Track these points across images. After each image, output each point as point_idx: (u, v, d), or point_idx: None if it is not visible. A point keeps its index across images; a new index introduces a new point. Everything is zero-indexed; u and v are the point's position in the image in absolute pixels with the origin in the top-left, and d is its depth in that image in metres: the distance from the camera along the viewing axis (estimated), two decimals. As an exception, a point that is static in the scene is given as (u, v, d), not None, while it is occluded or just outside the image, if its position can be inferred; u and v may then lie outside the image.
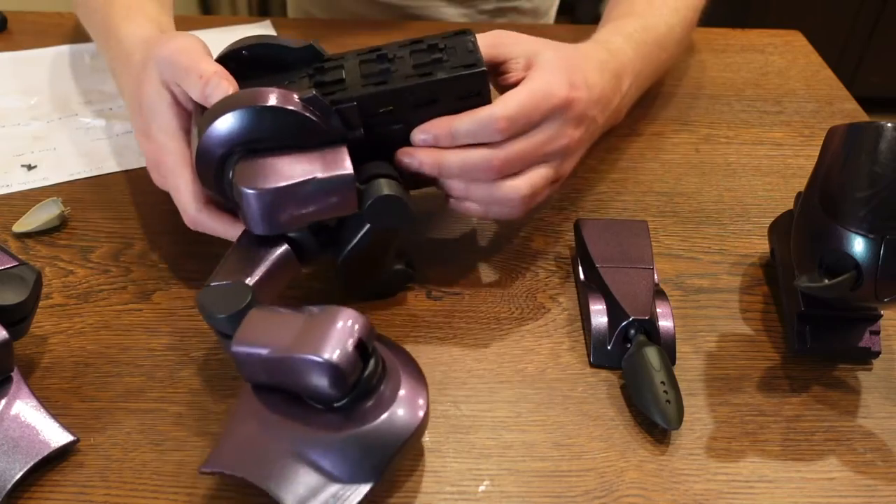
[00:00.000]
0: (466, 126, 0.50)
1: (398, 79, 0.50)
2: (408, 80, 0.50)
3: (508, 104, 0.50)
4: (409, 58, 0.51)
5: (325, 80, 0.51)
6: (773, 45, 0.89)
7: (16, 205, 0.62)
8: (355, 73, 0.51)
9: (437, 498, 0.44)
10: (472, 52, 0.51)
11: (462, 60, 0.51)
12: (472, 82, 0.50)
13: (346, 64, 0.52)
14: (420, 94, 0.50)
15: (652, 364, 0.48)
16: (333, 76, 0.51)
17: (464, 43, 0.52)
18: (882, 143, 0.44)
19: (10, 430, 0.44)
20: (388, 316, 0.55)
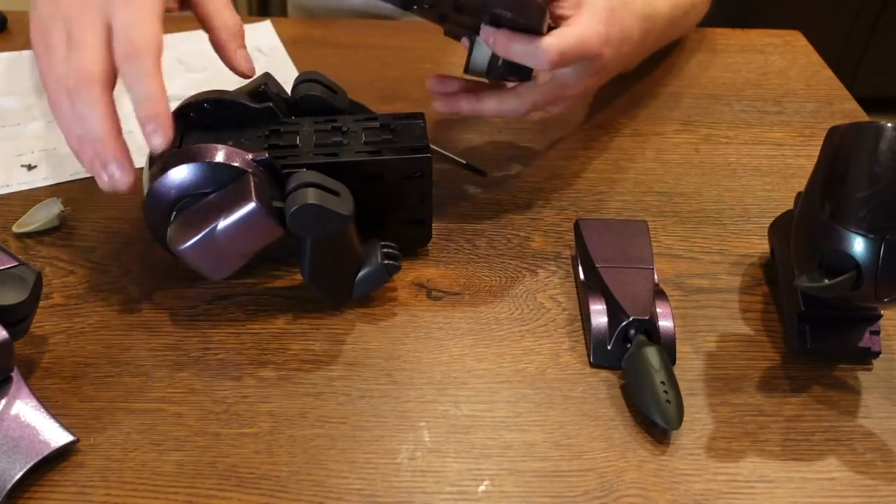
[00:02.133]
0: (522, 47, 0.54)
1: (348, 153, 0.53)
2: (357, 156, 0.52)
3: (562, 42, 0.54)
4: (361, 133, 0.54)
5: (279, 143, 0.53)
6: (773, 45, 0.89)
7: (16, 205, 0.62)
8: (309, 141, 0.53)
9: (437, 498, 0.44)
10: (419, 136, 0.54)
11: (410, 143, 0.54)
12: (417, 165, 0.53)
13: (302, 131, 0.54)
14: (367, 170, 0.53)
15: (652, 364, 0.48)
16: (288, 140, 0.53)
17: (413, 127, 0.55)
18: (882, 143, 0.44)
19: (10, 430, 0.44)
20: (388, 316, 0.55)
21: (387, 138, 0.54)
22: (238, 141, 0.52)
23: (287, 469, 0.45)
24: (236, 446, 0.46)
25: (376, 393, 0.49)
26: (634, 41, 0.62)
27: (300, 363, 0.51)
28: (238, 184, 0.48)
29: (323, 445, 0.46)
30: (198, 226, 0.48)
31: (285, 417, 0.48)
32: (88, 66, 0.46)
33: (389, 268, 0.54)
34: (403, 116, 0.56)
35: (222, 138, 0.52)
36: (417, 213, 0.56)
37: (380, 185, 0.54)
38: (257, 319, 0.54)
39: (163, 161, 0.50)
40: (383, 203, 0.55)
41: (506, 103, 0.60)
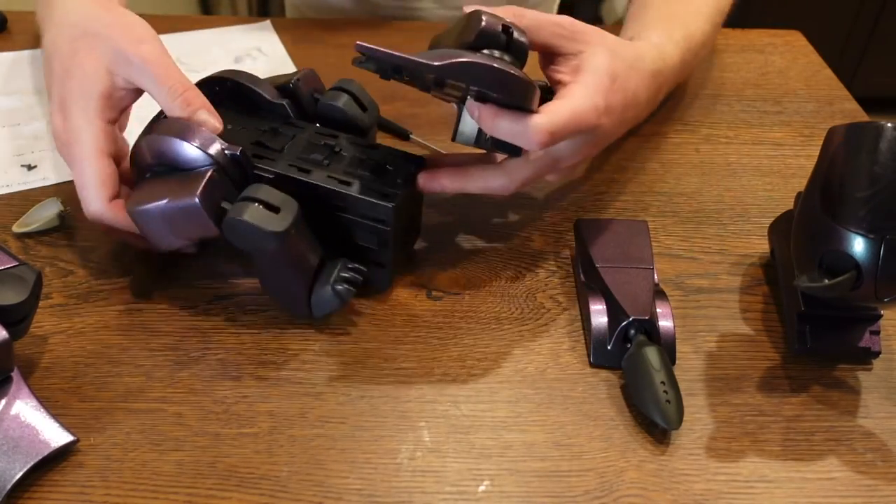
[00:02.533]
0: (508, 125, 0.49)
1: (320, 175, 0.51)
2: (326, 181, 0.51)
3: (554, 120, 0.49)
4: (349, 159, 0.53)
5: (267, 143, 0.53)
6: (773, 45, 0.89)
7: (16, 205, 0.62)
8: (297, 150, 0.53)
9: (437, 498, 0.44)
10: (398, 185, 0.51)
11: (384, 187, 0.51)
12: (378, 211, 0.51)
13: (299, 136, 0.54)
14: (330, 198, 0.51)
15: (652, 364, 0.48)
16: (278, 143, 0.53)
17: (400, 170, 0.53)
18: (882, 143, 0.44)
19: (10, 430, 0.44)
20: (388, 316, 0.55)
21: (365, 174, 0.52)
22: (237, 127, 0.53)
23: (287, 469, 0.45)
24: (236, 446, 0.46)
25: (376, 393, 0.49)
26: (641, 104, 0.58)
27: (300, 363, 0.51)
28: (196, 174, 0.49)
29: (323, 445, 0.46)
30: (149, 196, 0.49)
31: (285, 417, 0.48)
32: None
33: (340, 294, 0.51)
34: (403, 158, 0.54)
35: (228, 118, 0.53)
36: (377, 257, 0.53)
37: (343, 216, 0.52)
38: (257, 319, 0.54)
39: (153, 123, 0.51)
40: (345, 235, 0.53)
41: (493, 181, 0.54)
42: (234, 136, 0.53)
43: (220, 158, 0.49)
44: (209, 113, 0.51)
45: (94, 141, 0.51)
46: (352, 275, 0.51)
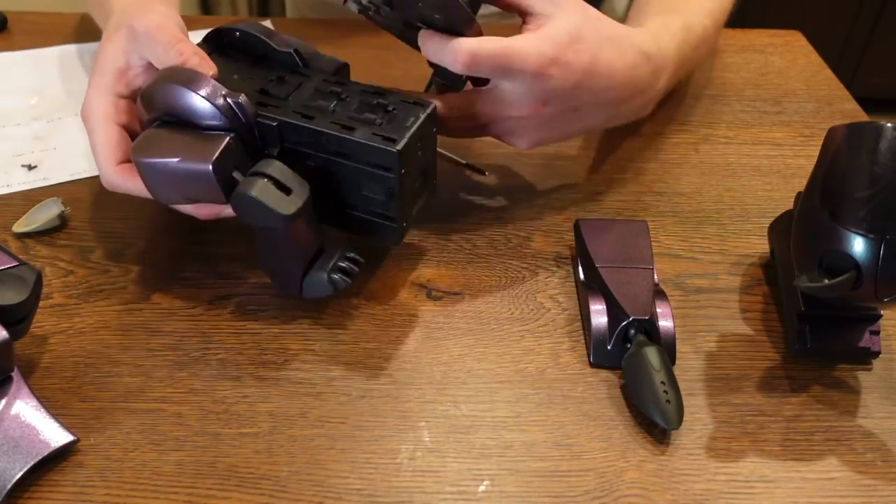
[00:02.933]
0: (435, 46, 0.52)
1: (324, 121, 0.50)
2: (330, 127, 0.50)
3: (481, 45, 0.51)
4: (356, 105, 0.51)
5: (273, 91, 0.52)
6: (773, 45, 0.89)
7: (16, 205, 0.62)
8: (302, 97, 0.52)
9: (436, 498, 0.44)
10: (405, 128, 0.49)
11: (390, 131, 0.49)
12: (382, 156, 0.49)
13: (306, 84, 0.53)
14: (334, 144, 0.50)
15: (652, 364, 0.48)
16: (282, 91, 0.52)
17: (409, 115, 0.50)
18: (882, 143, 0.44)
19: (10, 430, 0.44)
20: (388, 316, 0.55)
21: (371, 119, 0.50)
22: (244, 77, 0.53)
23: (287, 469, 0.45)
24: (236, 446, 0.46)
25: (376, 393, 0.49)
26: (619, 81, 0.56)
27: (300, 363, 0.51)
28: (213, 137, 0.48)
29: (323, 445, 0.46)
30: (160, 150, 0.49)
31: (285, 417, 0.48)
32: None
33: (335, 282, 0.51)
34: (411, 101, 0.52)
35: (235, 68, 0.53)
36: (385, 209, 0.51)
37: (346, 164, 0.50)
38: (257, 319, 0.54)
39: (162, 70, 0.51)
40: (351, 185, 0.51)
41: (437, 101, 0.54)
42: (239, 84, 0.52)
43: (223, 107, 0.48)
44: (201, 59, 0.51)
45: (104, 110, 0.54)
46: (349, 265, 0.51)
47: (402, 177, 0.49)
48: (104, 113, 0.54)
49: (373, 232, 0.53)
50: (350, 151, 0.50)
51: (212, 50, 0.55)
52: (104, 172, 0.53)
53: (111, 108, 0.54)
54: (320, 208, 0.52)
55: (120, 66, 0.54)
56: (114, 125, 0.54)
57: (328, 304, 0.55)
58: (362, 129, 0.49)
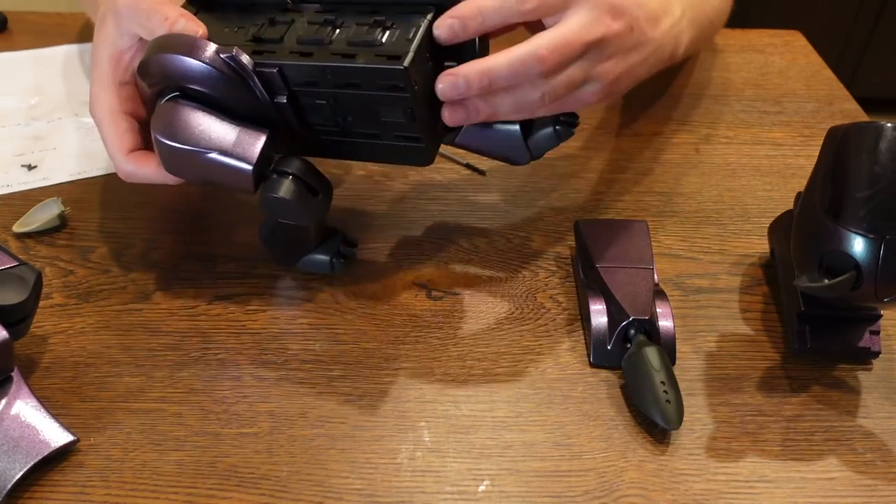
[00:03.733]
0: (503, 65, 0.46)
1: (323, 54, 0.47)
2: (331, 59, 0.46)
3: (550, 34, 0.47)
4: (353, 29, 0.47)
5: (264, 36, 0.49)
6: (773, 45, 0.89)
7: (16, 205, 0.62)
8: (295, 34, 0.49)
9: (437, 498, 0.44)
10: (408, 41, 0.45)
11: (393, 48, 0.45)
12: (390, 75, 0.45)
13: (297, 20, 0.49)
14: (339, 76, 0.47)
15: (652, 364, 0.48)
16: (275, 33, 0.49)
17: (410, 26, 0.46)
18: (882, 143, 0.44)
19: (10, 430, 0.44)
20: (388, 316, 0.55)
21: (370, 40, 0.46)
22: (233, 28, 0.51)
23: (287, 469, 0.45)
24: (236, 446, 0.46)
25: (376, 393, 0.49)
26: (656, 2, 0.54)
27: (300, 363, 0.51)
28: (253, 133, 0.48)
29: (323, 445, 0.46)
30: (192, 137, 0.48)
31: (285, 417, 0.48)
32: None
33: (336, 264, 0.55)
34: (408, 11, 0.47)
35: (225, 20, 0.51)
36: (408, 130, 0.49)
37: (357, 94, 0.47)
38: (257, 319, 0.54)
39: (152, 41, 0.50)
40: (369, 114, 0.49)
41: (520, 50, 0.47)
42: (231, 37, 0.51)
43: (220, 65, 0.47)
44: (187, 20, 0.50)
45: (108, 101, 0.54)
46: (348, 250, 0.55)
47: (417, 92, 0.46)
48: (109, 104, 0.54)
49: (402, 157, 0.52)
50: (358, 80, 0.47)
51: (198, 9, 0.53)
52: (117, 163, 0.54)
53: (115, 98, 0.54)
54: (344, 147, 0.52)
55: (113, 52, 0.54)
56: (120, 114, 0.54)
57: (328, 304, 0.55)
58: (364, 53, 0.46)
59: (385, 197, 0.65)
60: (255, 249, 0.59)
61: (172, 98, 0.50)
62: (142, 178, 0.54)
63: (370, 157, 0.53)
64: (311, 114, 0.50)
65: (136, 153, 0.53)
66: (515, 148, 0.54)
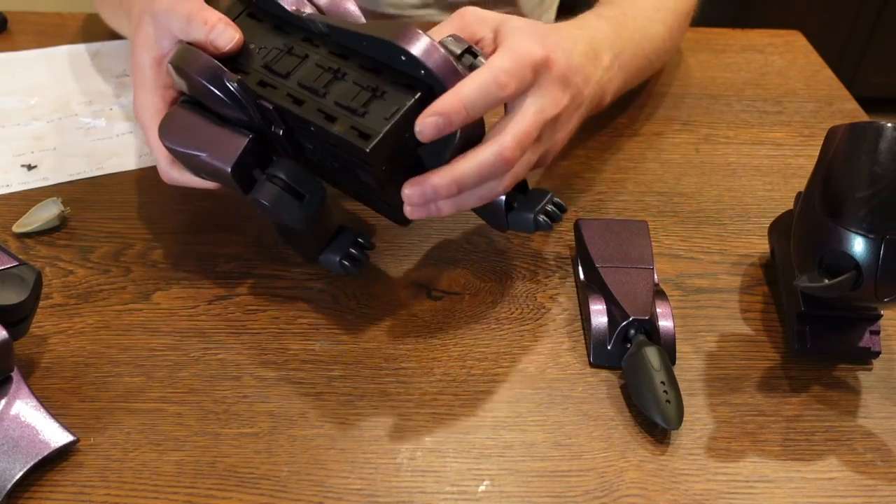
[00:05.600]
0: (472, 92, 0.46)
1: (311, 107, 0.48)
2: (315, 116, 0.47)
3: (499, 59, 0.47)
4: (348, 87, 0.48)
5: (275, 67, 0.50)
6: (773, 45, 0.89)
7: (16, 205, 0.62)
8: (300, 74, 0.49)
9: (437, 498, 0.44)
10: (385, 120, 0.46)
11: (369, 123, 0.46)
12: (358, 152, 0.46)
13: (311, 57, 0.50)
14: (321, 133, 0.48)
15: (652, 364, 0.48)
16: (286, 66, 0.50)
17: (395, 102, 0.46)
18: (882, 143, 0.44)
19: (10, 430, 0.44)
20: (388, 316, 0.55)
21: (354, 107, 0.46)
22: (259, 46, 0.52)
23: (287, 469, 0.45)
24: (236, 446, 0.46)
25: (376, 393, 0.49)
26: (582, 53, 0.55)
27: (300, 363, 0.51)
28: (234, 137, 0.50)
29: (323, 445, 0.46)
30: (185, 139, 0.51)
31: (285, 417, 0.48)
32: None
33: (345, 267, 0.54)
34: (405, 85, 0.47)
35: (259, 34, 0.52)
36: (382, 196, 0.51)
37: (335, 150, 0.49)
38: (257, 319, 0.54)
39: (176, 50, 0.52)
40: (351, 169, 0.50)
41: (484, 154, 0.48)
42: (250, 57, 0.51)
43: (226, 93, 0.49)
44: (225, 25, 0.50)
45: (152, 106, 0.54)
46: (359, 252, 0.54)
47: (385, 170, 0.47)
48: (154, 108, 0.54)
49: (384, 212, 0.55)
50: (334, 142, 0.48)
51: (243, 10, 0.53)
52: (161, 167, 0.54)
53: (159, 101, 0.54)
54: (337, 182, 0.54)
55: (155, 55, 0.53)
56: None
57: (328, 304, 0.55)
58: (344, 120, 0.46)
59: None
60: (255, 249, 0.59)
61: (182, 103, 0.52)
62: (183, 182, 0.54)
63: (360, 201, 0.56)
64: (306, 150, 0.52)
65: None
66: (495, 216, 0.54)
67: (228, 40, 0.50)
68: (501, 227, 0.55)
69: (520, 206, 0.53)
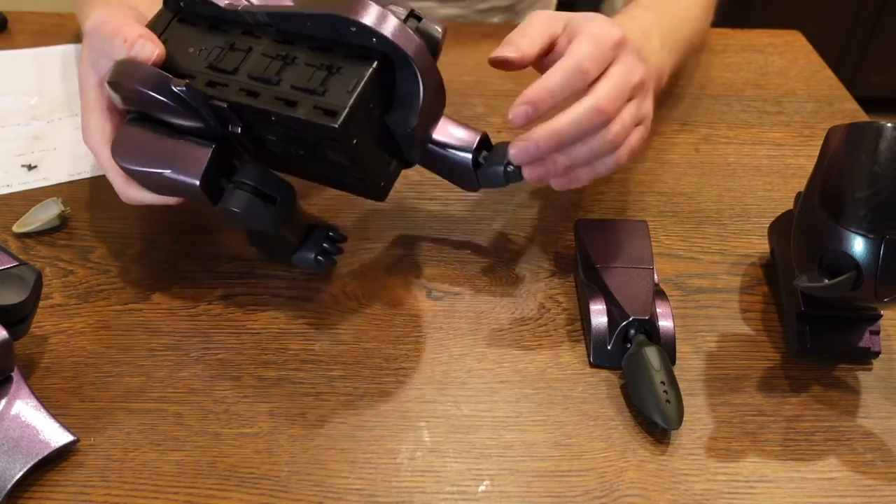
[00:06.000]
0: (557, 79, 0.50)
1: (268, 96, 0.47)
2: (273, 104, 0.46)
3: (581, 47, 0.51)
4: (300, 70, 0.47)
5: (220, 65, 0.49)
6: (773, 45, 0.89)
7: (16, 205, 0.62)
8: (248, 67, 0.48)
9: (437, 498, 0.44)
10: (347, 94, 0.45)
11: (332, 100, 0.45)
12: (325, 130, 0.45)
13: (255, 49, 0.49)
14: (283, 122, 0.47)
15: (652, 364, 0.48)
16: (232, 62, 0.49)
17: (353, 74, 0.45)
18: (882, 143, 0.44)
19: (10, 430, 0.44)
20: (388, 316, 0.55)
21: (313, 88, 0.46)
22: (197, 49, 0.50)
23: (287, 469, 0.45)
24: (236, 446, 0.46)
25: (376, 393, 0.49)
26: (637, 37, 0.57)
27: (300, 363, 0.51)
28: (197, 148, 0.49)
29: (323, 445, 0.46)
30: (144, 158, 0.50)
31: (285, 417, 0.48)
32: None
33: (319, 262, 0.54)
34: (357, 57, 0.46)
35: (194, 38, 0.51)
36: (356, 171, 0.50)
37: (301, 137, 0.48)
38: (257, 319, 0.54)
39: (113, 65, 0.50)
40: (319, 152, 0.49)
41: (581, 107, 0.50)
42: (192, 59, 0.50)
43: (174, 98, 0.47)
44: (145, 40, 0.50)
45: (100, 128, 0.53)
46: (332, 246, 0.54)
47: (356, 144, 0.46)
48: (102, 131, 0.53)
49: (357, 190, 0.53)
50: (298, 126, 0.46)
51: (172, 17, 0.52)
52: (120, 189, 0.53)
53: (106, 123, 0.53)
54: (306, 172, 0.53)
55: (95, 78, 0.53)
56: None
57: (328, 304, 0.55)
58: (305, 101, 0.46)
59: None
60: (256, 249, 0.59)
61: (130, 120, 0.51)
62: (144, 200, 0.53)
63: (331, 185, 0.55)
64: (268, 143, 0.51)
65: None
66: (464, 176, 0.54)
67: (149, 55, 0.49)
68: (473, 186, 0.55)
69: (487, 163, 0.53)
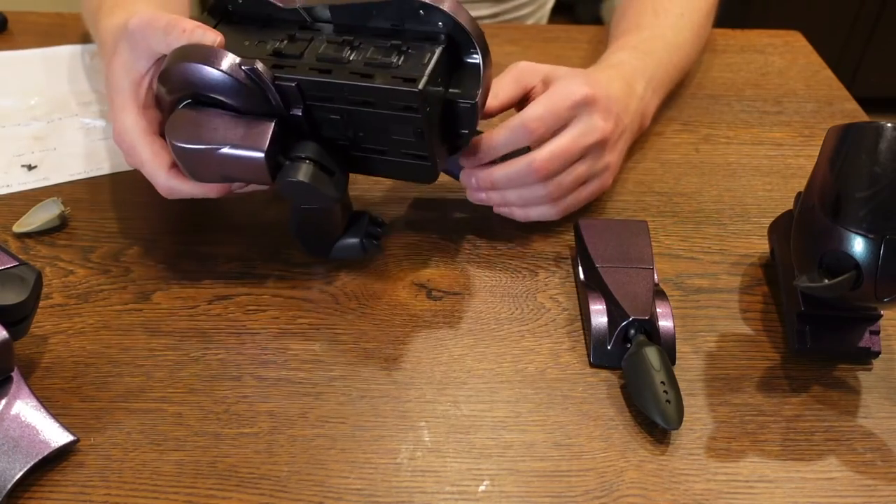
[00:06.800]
0: (502, 137, 0.55)
1: (343, 73, 0.49)
2: (350, 77, 0.49)
3: (534, 107, 0.55)
4: (370, 51, 0.50)
5: (285, 51, 0.51)
6: (773, 45, 0.89)
7: (16, 205, 0.62)
8: (315, 53, 0.51)
9: (437, 498, 0.44)
10: (423, 65, 0.48)
11: (408, 71, 0.48)
12: (405, 97, 0.48)
13: (316, 38, 0.52)
14: (356, 94, 0.49)
15: (652, 364, 0.48)
16: (295, 49, 0.51)
17: (423, 53, 0.49)
18: (882, 143, 0.44)
19: (10, 430, 0.44)
20: (388, 316, 0.55)
21: (388, 62, 0.49)
22: (254, 42, 0.52)
23: (287, 469, 0.45)
24: (236, 446, 0.46)
25: (376, 393, 0.50)
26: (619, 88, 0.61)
27: (300, 363, 0.51)
28: (258, 124, 0.50)
29: (323, 445, 0.46)
30: (204, 136, 0.50)
31: (285, 417, 0.48)
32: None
33: (367, 244, 0.56)
34: (421, 39, 0.50)
35: (245, 34, 0.53)
36: (416, 149, 0.52)
37: (372, 113, 0.50)
38: (257, 319, 0.54)
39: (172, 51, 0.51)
40: (380, 131, 0.51)
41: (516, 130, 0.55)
42: (250, 50, 0.52)
43: (240, 76, 0.49)
44: (204, 30, 0.51)
45: (136, 124, 0.53)
46: (377, 230, 0.56)
47: (429, 113, 0.49)
48: (138, 127, 0.53)
49: (408, 173, 0.55)
50: (374, 98, 0.49)
51: (217, 21, 0.54)
52: (159, 181, 0.54)
53: (142, 120, 0.54)
54: (352, 161, 0.54)
55: (134, 77, 0.53)
56: (152, 135, 0.54)
57: (328, 304, 0.55)
58: (381, 74, 0.49)
59: (385, 197, 0.65)
60: (256, 249, 0.59)
61: (185, 106, 0.51)
62: (183, 193, 0.54)
63: (376, 172, 0.55)
64: (323, 127, 0.52)
65: (176, 169, 0.54)
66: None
67: (211, 41, 0.50)
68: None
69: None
